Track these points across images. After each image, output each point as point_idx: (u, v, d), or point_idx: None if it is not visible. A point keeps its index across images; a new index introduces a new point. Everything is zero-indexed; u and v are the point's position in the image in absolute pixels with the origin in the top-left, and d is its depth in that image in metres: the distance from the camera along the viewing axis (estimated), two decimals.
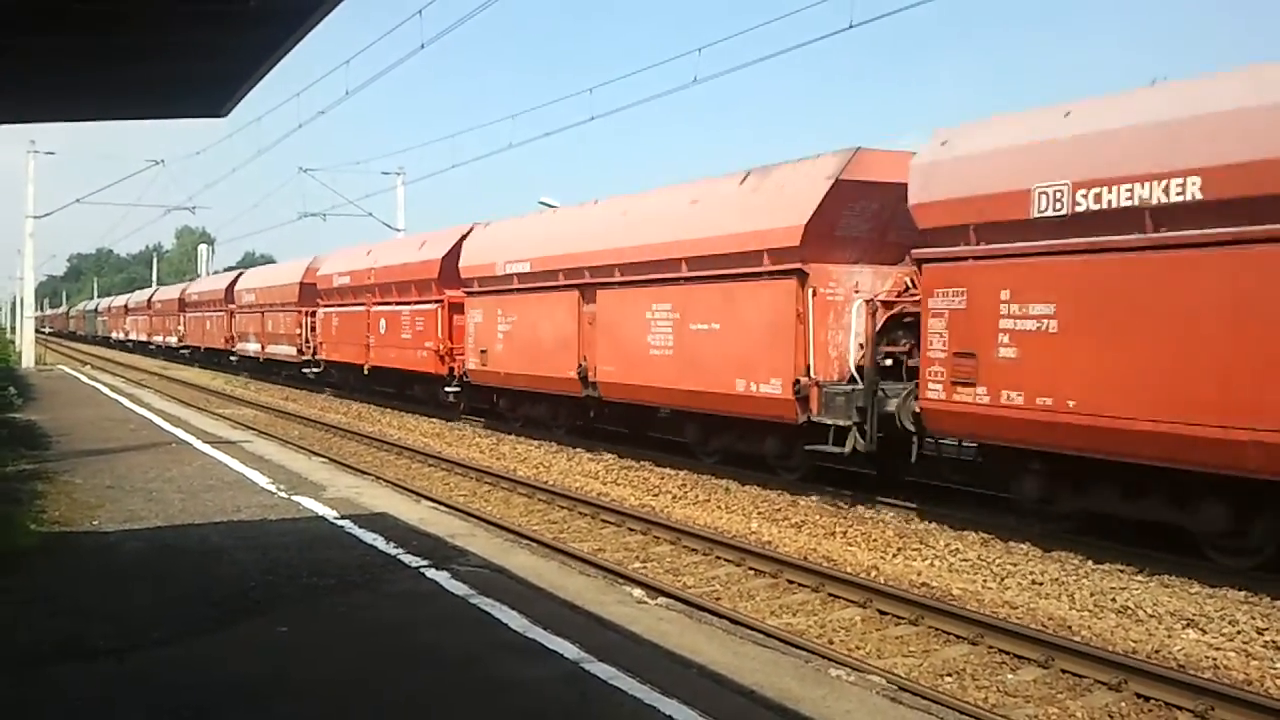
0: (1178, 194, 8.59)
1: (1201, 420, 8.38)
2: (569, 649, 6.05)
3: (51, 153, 42.48)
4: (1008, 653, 7.45)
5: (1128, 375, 8.97)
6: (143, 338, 59.08)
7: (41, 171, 41.97)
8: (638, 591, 8.57)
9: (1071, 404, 9.41)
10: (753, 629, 7.70)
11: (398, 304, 24.79)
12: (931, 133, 11.17)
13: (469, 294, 20.95)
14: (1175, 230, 8.67)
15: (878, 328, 11.96)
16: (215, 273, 56.49)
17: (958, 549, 10.22)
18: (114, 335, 69.28)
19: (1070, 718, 6.46)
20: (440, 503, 12.96)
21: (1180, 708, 6.46)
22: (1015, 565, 9.61)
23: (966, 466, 12.21)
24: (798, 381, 12.42)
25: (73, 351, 67.71)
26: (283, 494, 11.64)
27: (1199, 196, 8.45)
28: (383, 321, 25.66)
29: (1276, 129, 8.03)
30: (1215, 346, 8.36)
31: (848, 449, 11.92)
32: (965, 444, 11.70)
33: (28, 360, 41.69)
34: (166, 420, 20.50)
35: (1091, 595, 8.65)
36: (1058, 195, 9.46)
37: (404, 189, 41.55)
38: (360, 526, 9.77)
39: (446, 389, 22.61)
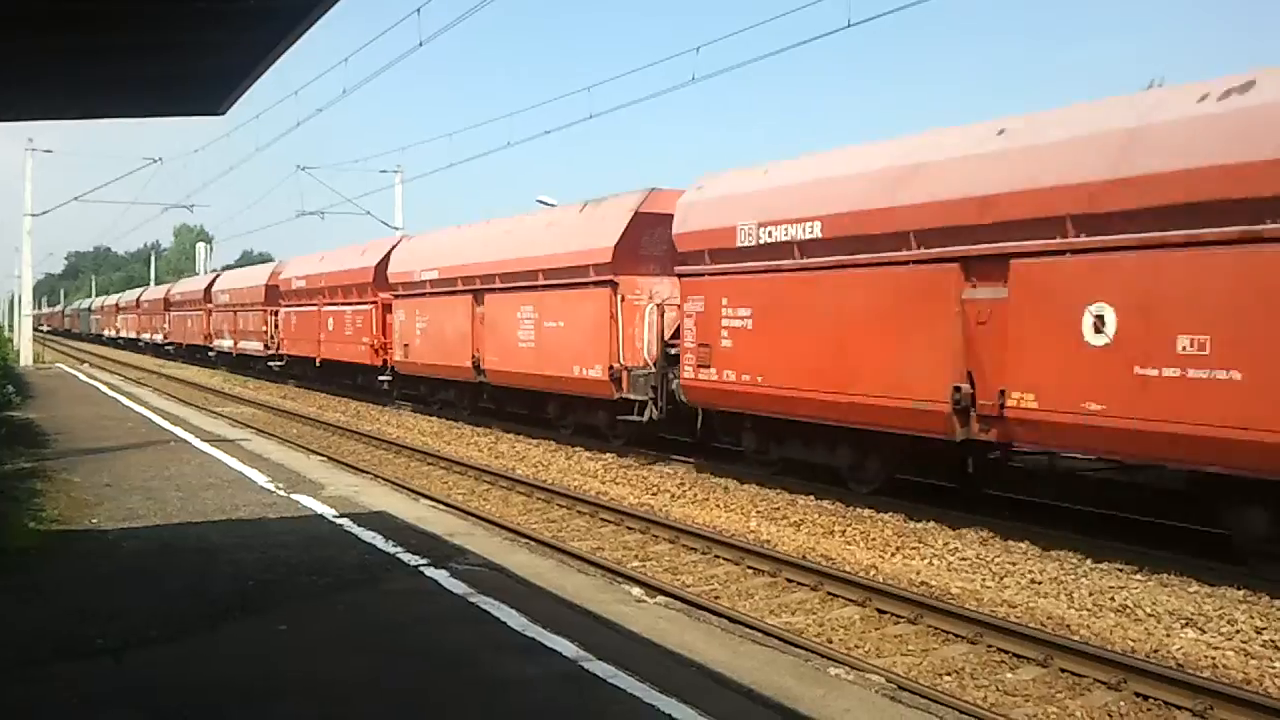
0: (809, 233, 12.36)
1: (829, 389, 12.07)
2: (568, 647, 6.05)
3: (49, 150, 42.72)
4: (1007, 652, 7.46)
5: (793, 359, 12.64)
6: (132, 335, 62.34)
7: (39, 169, 42.01)
8: (636, 590, 8.57)
9: (761, 379, 13.19)
10: (751, 627, 7.70)
11: (342, 304, 28.31)
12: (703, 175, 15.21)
13: (396, 296, 24.63)
14: (809, 258, 12.40)
15: (665, 325, 15.89)
16: (214, 271, 56.67)
17: (956, 548, 10.22)
18: (106, 332, 72.74)
19: (1069, 717, 6.46)
20: (439, 501, 12.97)
21: (1179, 707, 6.47)
22: (1014, 564, 9.61)
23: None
24: (612, 367, 16.26)
25: (70, 350, 67.69)
26: (281, 492, 11.64)
27: (819, 235, 12.25)
28: (330, 320, 29.16)
29: (858, 192, 11.77)
30: (831, 338, 12.07)
31: (645, 418, 15.79)
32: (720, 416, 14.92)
33: (26, 358, 41.64)
34: (165, 418, 20.49)
35: (1090, 594, 8.65)
36: (750, 231, 13.28)
37: (402, 187, 41.60)
38: (359, 525, 9.76)
39: (380, 378, 26.19)
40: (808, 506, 12.32)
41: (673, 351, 15.32)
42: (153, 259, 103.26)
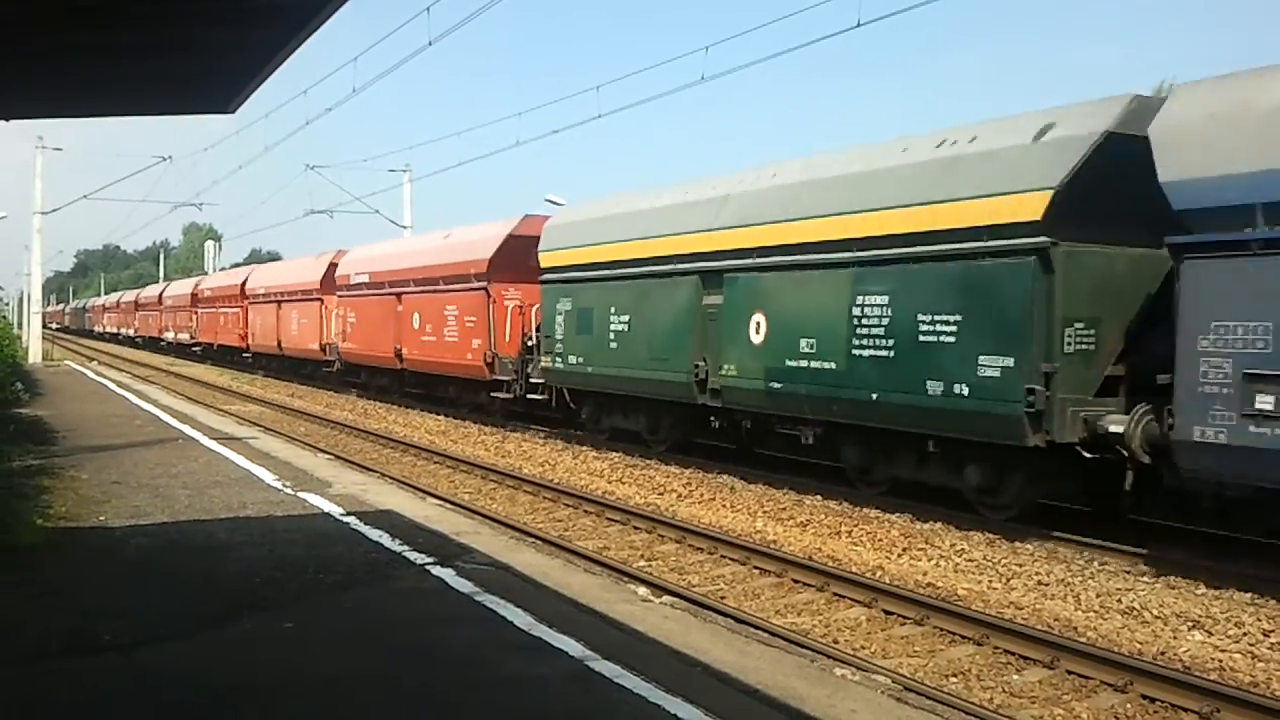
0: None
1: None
2: (574, 647, 6.05)
3: (59, 149, 42.65)
4: (1013, 653, 7.44)
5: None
6: (114, 330, 74.21)
7: (50, 167, 42.24)
8: (643, 590, 8.57)
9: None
10: (758, 628, 7.69)
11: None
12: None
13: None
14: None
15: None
16: (223, 269, 57.11)
17: (963, 549, 10.21)
18: (96, 328, 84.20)
19: (1075, 719, 6.45)
20: (446, 500, 12.98)
21: (1186, 709, 6.45)
22: (1021, 566, 9.59)
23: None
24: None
25: (79, 347, 67.96)
26: (289, 490, 11.67)
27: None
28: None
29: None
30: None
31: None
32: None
33: (35, 356, 41.77)
34: (173, 416, 20.56)
35: (1097, 596, 8.63)
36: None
37: (410, 186, 41.70)
38: (366, 523, 9.78)
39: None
40: (814, 507, 12.31)
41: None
42: (162, 257, 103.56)
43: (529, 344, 19.81)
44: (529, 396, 20.04)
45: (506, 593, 7.27)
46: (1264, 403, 8.29)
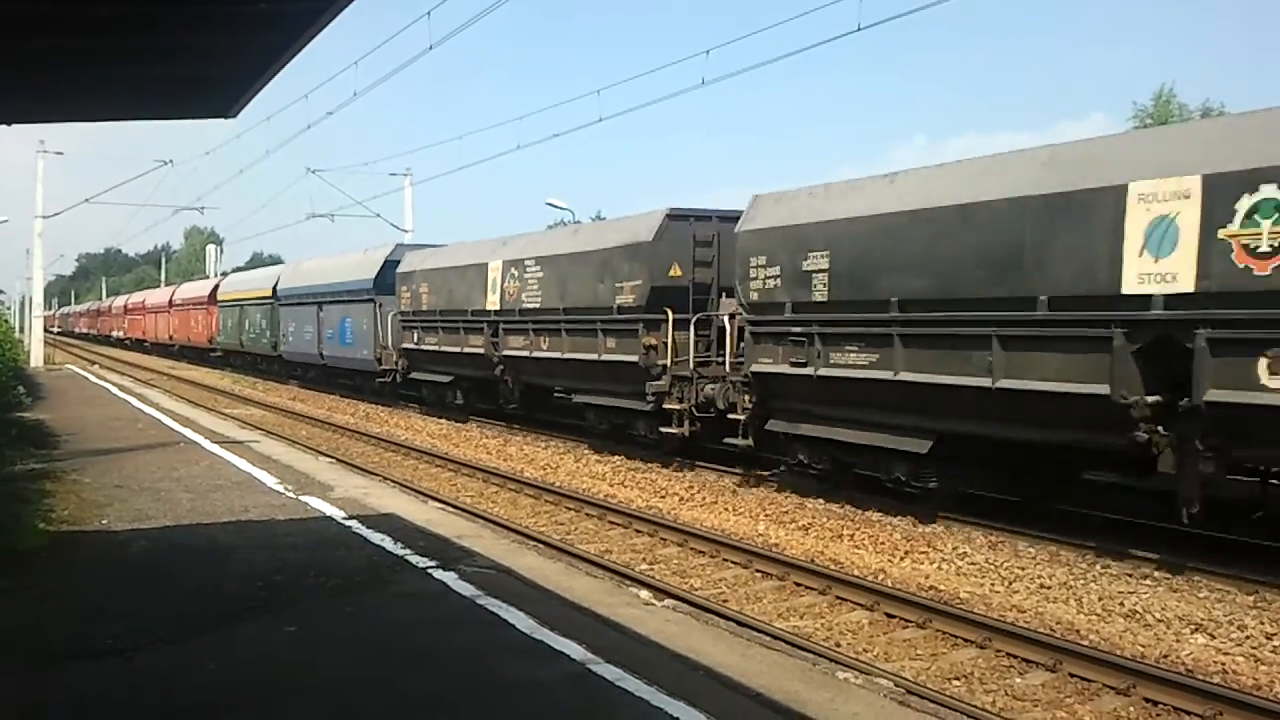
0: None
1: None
2: (576, 650, 6.05)
3: (60, 153, 42.80)
4: (1015, 656, 7.44)
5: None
6: (92, 332, 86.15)
7: (51, 171, 42.37)
8: (645, 593, 8.57)
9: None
10: (760, 631, 7.69)
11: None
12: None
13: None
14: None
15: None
16: (224, 273, 57.25)
17: (965, 552, 10.20)
18: (76, 329, 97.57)
19: None
20: (447, 503, 12.97)
21: (1189, 713, 6.44)
22: (1023, 569, 9.59)
23: None
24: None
25: (81, 351, 68.03)
26: (290, 494, 11.67)
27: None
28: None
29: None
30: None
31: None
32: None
33: (36, 359, 41.80)
34: (174, 420, 20.56)
35: (1100, 599, 8.62)
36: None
37: (411, 190, 41.75)
38: (368, 527, 9.78)
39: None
40: (816, 510, 12.30)
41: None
42: (163, 261, 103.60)
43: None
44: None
45: (508, 596, 7.27)
46: None
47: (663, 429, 15.38)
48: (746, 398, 13.69)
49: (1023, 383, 9.85)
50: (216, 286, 43.27)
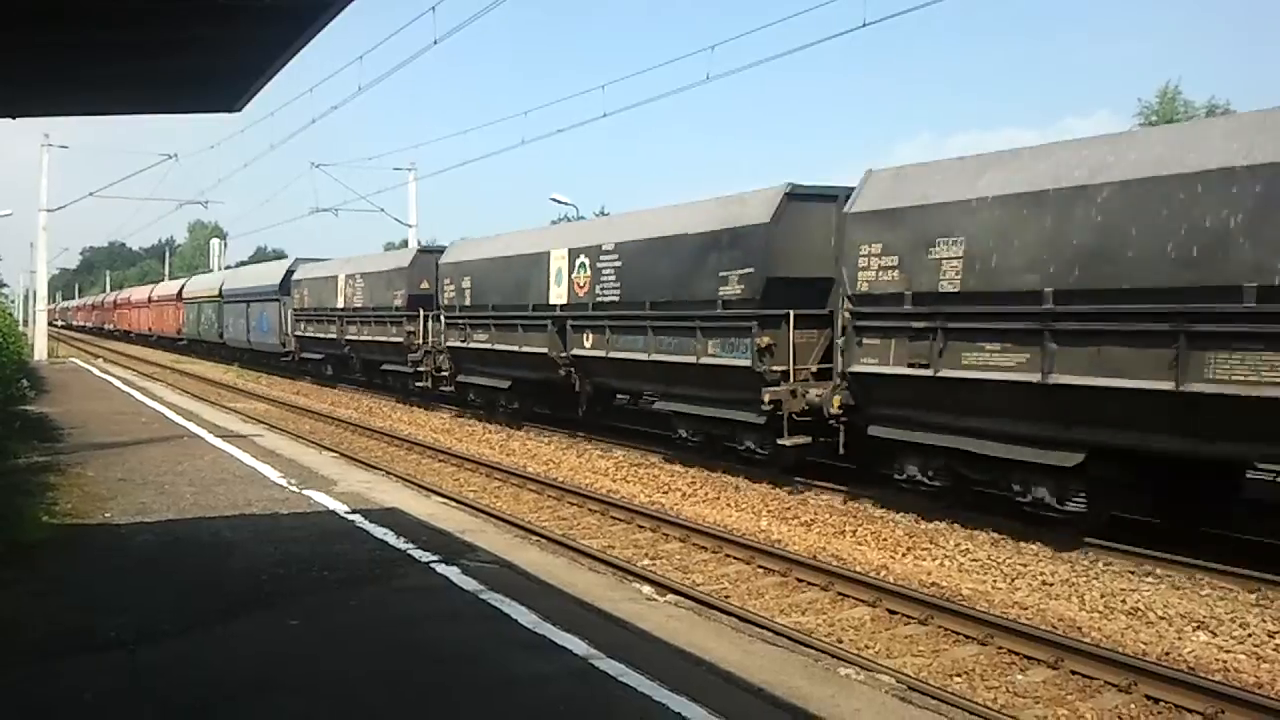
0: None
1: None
2: (578, 645, 6.06)
3: (65, 146, 42.45)
4: (1017, 653, 7.44)
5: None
6: (88, 324, 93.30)
7: (55, 165, 42.34)
8: (647, 588, 8.58)
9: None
10: (762, 627, 7.70)
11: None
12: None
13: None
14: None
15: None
16: (228, 267, 57.45)
17: (968, 549, 10.20)
18: (74, 322, 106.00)
19: (1079, 719, 6.45)
20: (450, 498, 12.99)
21: (1190, 710, 6.44)
22: (1025, 566, 9.59)
23: None
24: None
25: (86, 345, 68.14)
26: (294, 488, 11.68)
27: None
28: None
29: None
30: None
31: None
32: None
33: (40, 353, 41.84)
34: (178, 413, 20.58)
35: (1102, 597, 8.62)
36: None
37: (415, 185, 41.76)
38: (371, 521, 9.79)
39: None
40: (819, 506, 12.31)
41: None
42: (167, 255, 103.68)
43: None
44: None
45: (511, 591, 7.28)
46: None
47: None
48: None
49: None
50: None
